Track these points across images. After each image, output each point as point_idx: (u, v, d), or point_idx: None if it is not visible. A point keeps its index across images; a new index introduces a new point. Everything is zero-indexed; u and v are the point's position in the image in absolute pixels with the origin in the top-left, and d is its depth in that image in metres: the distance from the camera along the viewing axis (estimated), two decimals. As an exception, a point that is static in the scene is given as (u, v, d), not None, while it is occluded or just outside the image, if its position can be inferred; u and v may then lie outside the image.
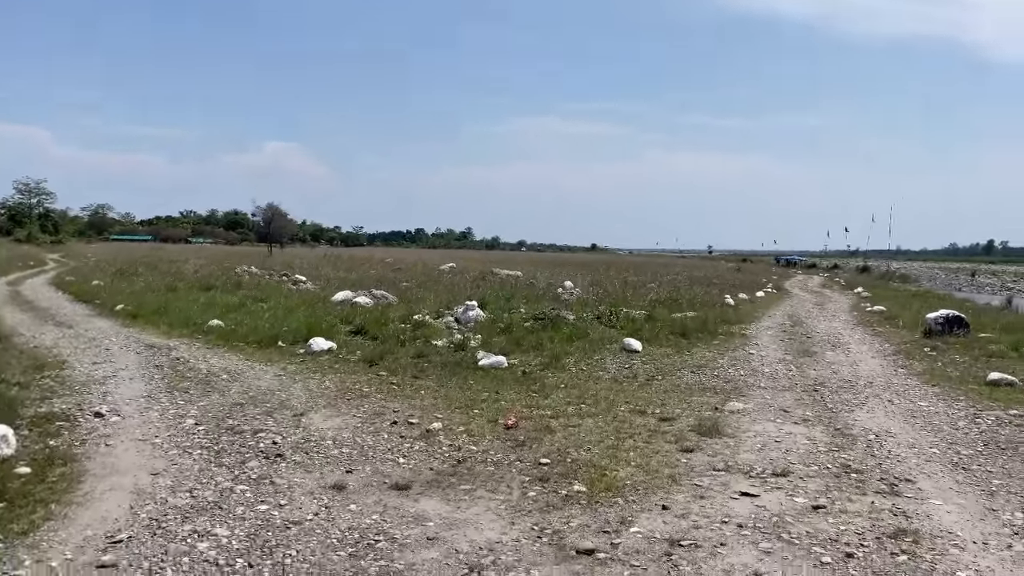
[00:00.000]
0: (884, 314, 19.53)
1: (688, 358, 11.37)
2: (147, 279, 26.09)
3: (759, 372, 10.26)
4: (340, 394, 8.35)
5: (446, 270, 37.52)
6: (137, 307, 16.99)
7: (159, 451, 6.08)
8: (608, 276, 35.76)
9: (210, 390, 8.39)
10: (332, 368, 10.05)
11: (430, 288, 24.11)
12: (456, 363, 10.44)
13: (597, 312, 16.30)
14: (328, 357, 10.93)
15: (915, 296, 29.19)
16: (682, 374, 10.04)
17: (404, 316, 15.13)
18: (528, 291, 22.76)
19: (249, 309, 16.72)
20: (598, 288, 25.88)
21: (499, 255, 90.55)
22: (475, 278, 29.79)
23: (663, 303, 20.51)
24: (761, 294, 28.79)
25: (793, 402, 8.45)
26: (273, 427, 6.85)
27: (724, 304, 21.46)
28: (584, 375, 9.92)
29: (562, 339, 12.78)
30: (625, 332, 14.03)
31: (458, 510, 4.90)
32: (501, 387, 8.99)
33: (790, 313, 20.59)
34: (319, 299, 19.16)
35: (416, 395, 8.42)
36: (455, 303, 16.90)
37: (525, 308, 17.19)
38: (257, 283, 24.99)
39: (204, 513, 4.74)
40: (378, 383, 9.03)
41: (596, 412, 7.73)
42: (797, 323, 17.24)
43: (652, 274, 40.31)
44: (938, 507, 5.02)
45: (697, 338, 13.60)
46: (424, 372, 9.89)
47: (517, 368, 10.32)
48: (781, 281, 42.07)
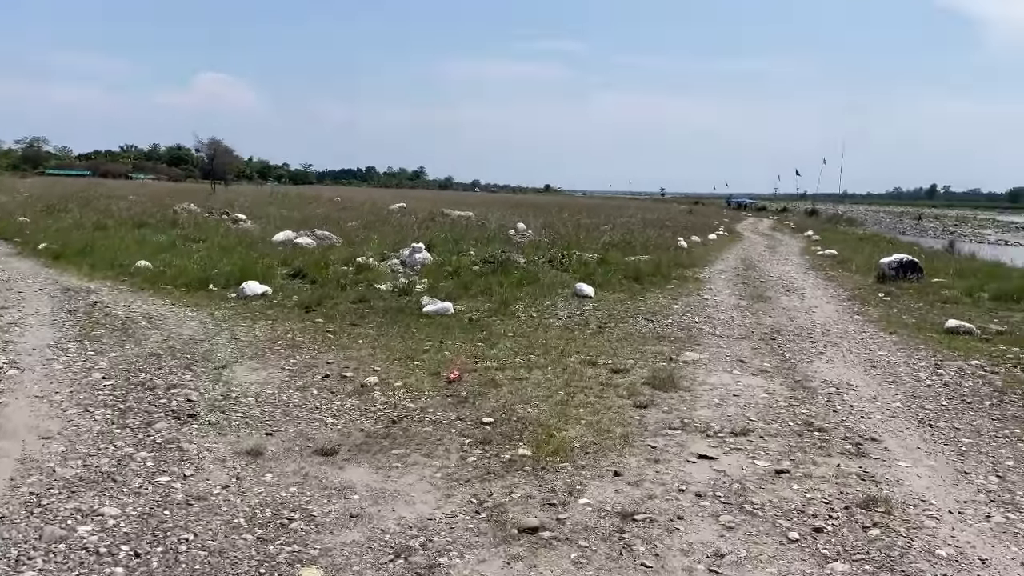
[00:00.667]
0: (836, 258, 19.48)
1: (641, 304, 10.97)
2: (77, 216, 24.65)
3: (714, 319, 9.91)
4: (269, 344, 7.71)
5: (395, 210, 36.52)
6: (61, 246, 15.90)
7: (57, 410, 5.41)
8: (561, 218, 35.24)
9: (126, 339, 7.67)
10: (264, 314, 9.37)
11: (377, 229, 23.30)
12: (399, 309, 9.85)
13: (549, 255, 15.79)
14: (262, 302, 10.23)
15: (863, 239, 29.39)
16: (635, 321, 9.62)
17: (347, 258, 14.41)
18: (479, 233, 22.11)
19: (181, 250, 15.77)
20: (551, 230, 25.35)
21: (452, 195, 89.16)
22: (424, 219, 28.99)
23: (616, 246, 20.11)
24: (713, 237, 28.64)
25: (750, 351, 8.10)
26: (190, 382, 6.21)
27: (677, 247, 21.17)
28: (534, 322, 9.43)
29: (512, 284, 12.25)
30: (577, 276, 13.56)
31: (388, 479, 4.38)
32: (446, 335, 8.46)
33: (743, 256, 20.40)
34: (259, 240, 18.28)
35: (353, 345, 7.83)
36: (402, 245, 16.21)
37: (475, 251, 16.59)
38: (194, 222, 23.78)
39: (94, 487, 4.13)
40: (313, 331, 8.40)
41: (545, 363, 7.26)
42: (750, 267, 17.01)
43: (605, 216, 39.93)
44: (907, 470, 4.68)
45: (651, 283, 13.21)
46: (364, 319, 9.28)
47: (464, 315, 9.78)
48: (733, 224, 42.12)
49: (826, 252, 20.94)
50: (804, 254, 21.87)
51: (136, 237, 17.99)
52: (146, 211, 27.35)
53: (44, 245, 16.11)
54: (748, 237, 31.34)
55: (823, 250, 21.83)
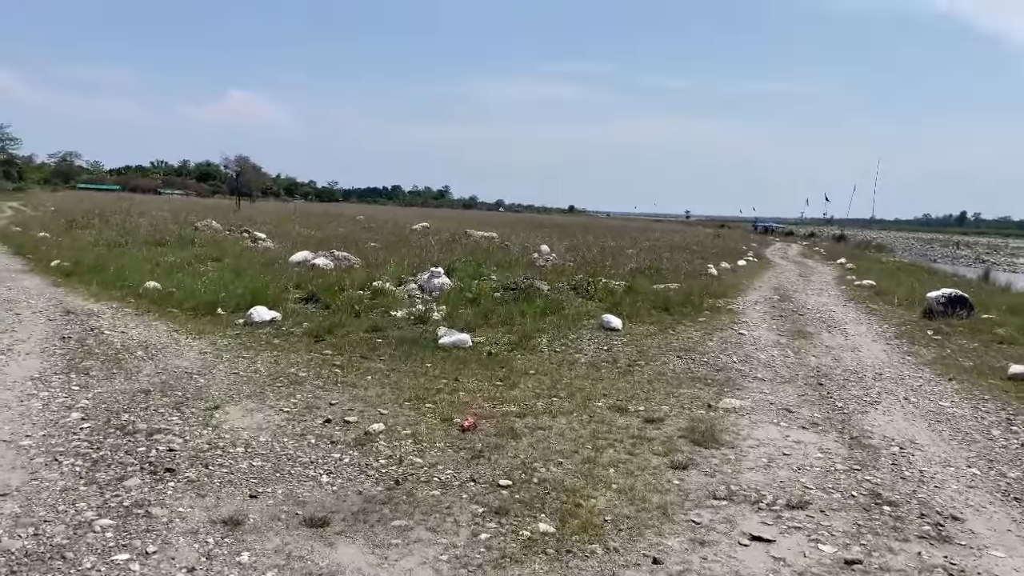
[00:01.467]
0: (874, 289, 18.60)
1: (673, 339, 10.24)
2: (97, 232, 24.45)
3: (753, 358, 9.16)
4: (271, 380, 7.10)
5: (418, 230, 36.09)
6: (74, 264, 15.56)
7: (23, 458, 4.82)
8: (586, 241, 34.59)
9: (116, 372, 7.10)
10: (270, 344, 8.78)
11: (397, 250, 22.80)
12: (414, 340, 9.22)
13: (574, 282, 15.13)
14: (269, 330, 9.65)
15: (900, 269, 28.38)
16: (667, 359, 8.90)
17: (363, 282, 13.84)
18: (501, 255, 21.51)
19: (195, 269, 15.33)
20: (575, 254, 24.70)
21: (475, 215, 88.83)
22: (447, 240, 28.46)
23: (643, 272, 19.40)
24: (743, 263, 27.79)
25: (796, 398, 7.35)
26: (176, 426, 5.60)
27: (707, 274, 20.40)
28: (557, 358, 8.75)
29: (535, 313, 11.59)
30: (604, 306, 12.88)
31: (384, 563, 3.71)
32: (462, 372, 7.81)
33: (776, 285, 19.57)
34: (276, 259, 17.82)
35: (361, 382, 7.20)
36: (421, 268, 15.62)
37: (496, 276, 15.97)
38: (212, 239, 23.46)
39: (38, 567, 3.51)
40: (319, 365, 7.79)
41: (570, 408, 6.57)
42: (785, 297, 16.20)
43: (631, 239, 39.22)
44: (1003, 563, 3.94)
45: (681, 314, 12.48)
46: (376, 351, 8.66)
47: (482, 348, 9.13)
48: (761, 249, 41.19)
49: (863, 282, 20.04)
50: (839, 283, 20.97)
51: (151, 255, 17.62)
52: (167, 228, 27.10)
53: (57, 262, 15.76)
54: (778, 264, 30.41)
55: (859, 280, 20.93)
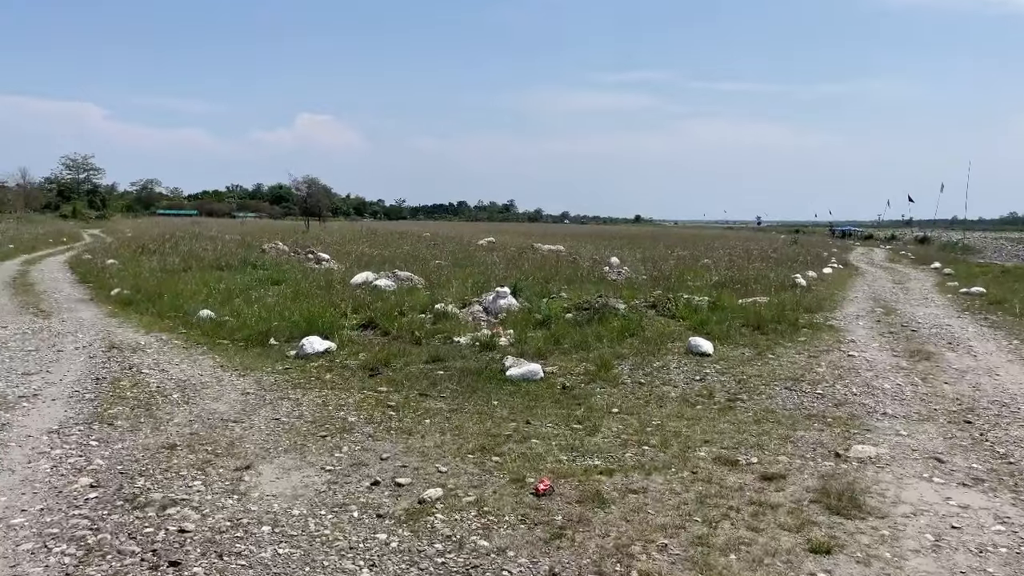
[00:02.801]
0: (986, 298, 16.73)
1: (775, 364, 8.94)
2: (161, 258, 24.42)
3: (875, 388, 7.80)
4: (315, 426, 6.18)
5: (483, 245, 35.32)
6: (135, 291, 15.21)
7: (8, 544, 3.98)
8: (657, 251, 33.18)
9: (144, 420, 6.29)
10: (320, 380, 7.91)
11: (463, 266, 21.97)
12: (479, 372, 8.22)
13: (652, 298, 13.91)
14: (322, 362, 8.80)
15: (1007, 273, 25.98)
16: (773, 391, 7.63)
17: (425, 304, 12.96)
18: (570, 270, 20.40)
19: (254, 294, 14.73)
20: (648, 266, 23.40)
21: (541, 228, 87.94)
22: (513, 255, 27.53)
23: (726, 285, 18.00)
24: (828, 271, 25.97)
25: (943, 442, 6.02)
26: (197, 494, 4.70)
27: (795, 285, 18.83)
28: (643, 392, 7.60)
29: (612, 335, 10.46)
30: (688, 325, 11.64)
31: None
32: (534, 411, 6.75)
33: (873, 295, 17.88)
34: (338, 281, 17.16)
35: (418, 427, 6.21)
36: (487, 288, 14.66)
37: (566, 293, 14.88)
38: (276, 262, 23.10)
39: None
40: (371, 406, 6.85)
41: (667, 461, 5.43)
42: (888, 309, 14.59)
43: (704, 248, 37.58)
44: None
45: (777, 332, 11.14)
46: (436, 386, 7.69)
47: (555, 379, 8.05)
48: (844, 255, 38.94)
49: (971, 290, 18.12)
50: (943, 292, 19.08)
51: (211, 280, 17.21)
52: (233, 251, 26.97)
53: (117, 291, 15.44)
54: (867, 271, 28.36)
55: (965, 287, 18.97)
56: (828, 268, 26.79)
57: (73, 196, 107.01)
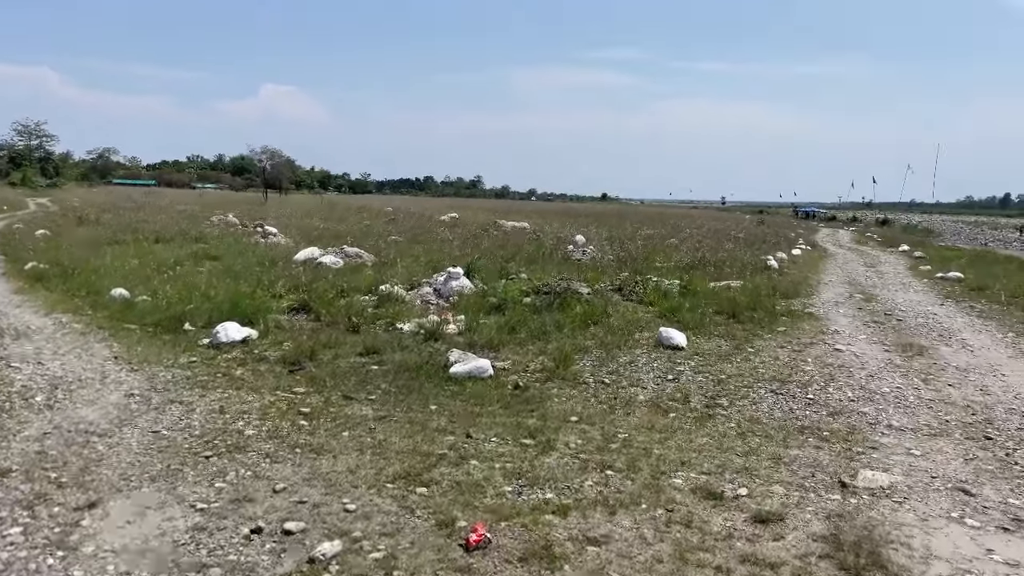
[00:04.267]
0: (966, 283, 15.99)
1: (755, 360, 7.91)
2: (99, 229, 22.78)
3: (873, 391, 6.79)
4: (202, 443, 4.97)
5: (446, 221, 33.99)
6: (52, 265, 13.71)
7: None
8: (624, 230, 32.18)
9: (-13, 433, 5.03)
10: (228, 376, 6.68)
11: (421, 243, 20.71)
12: (419, 367, 7.06)
13: (618, 281, 12.83)
14: (236, 353, 7.57)
15: (979, 257, 25.44)
16: (757, 395, 6.59)
17: (371, 284, 11.74)
18: (532, 248, 19.24)
19: (184, 271, 13.36)
20: (615, 245, 22.35)
21: (507, 204, 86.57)
22: (475, 232, 26.30)
23: (695, 267, 17.02)
24: (797, 252, 25.22)
25: (964, 464, 5.01)
26: (8, 550, 3.49)
27: (767, 267, 17.93)
28: (607, 394, 6.51)
29: (574, 323, 9.36)
30: (657, 311, 10.59)
31: None
32: (478, 419, 5.63)
33: (848, 279, 17.04)
34: (281, 257, 15.83)
35: (332, 443, 5.04)
36: (441, 267, 13.47)
37: (527, 274, 13.74)
38: (220, 235, 21.58)
39: None
40: (281, 412, 5.65)
41: (635, 493, 4.34)
42: (868, 296, 13.70)
43: (671, 227, 36.69)
44: None
45: (754, 322, 10.14)
46: (366, 384, 6.52)
47: (506, 377, 6.93)
48: (810, 236, 38.35)
49: (948, 275, 17.37)
50: (919, 276, 18.33)
51: (142, 254, 15.78)
52: (179, 223, 25.37)
53: (32, 264, 13.94)
54: (836, 252, 27.67)
55: (942, 272, 18.23)
56: (797, 250, 26.04)
57: (24, 164, 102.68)
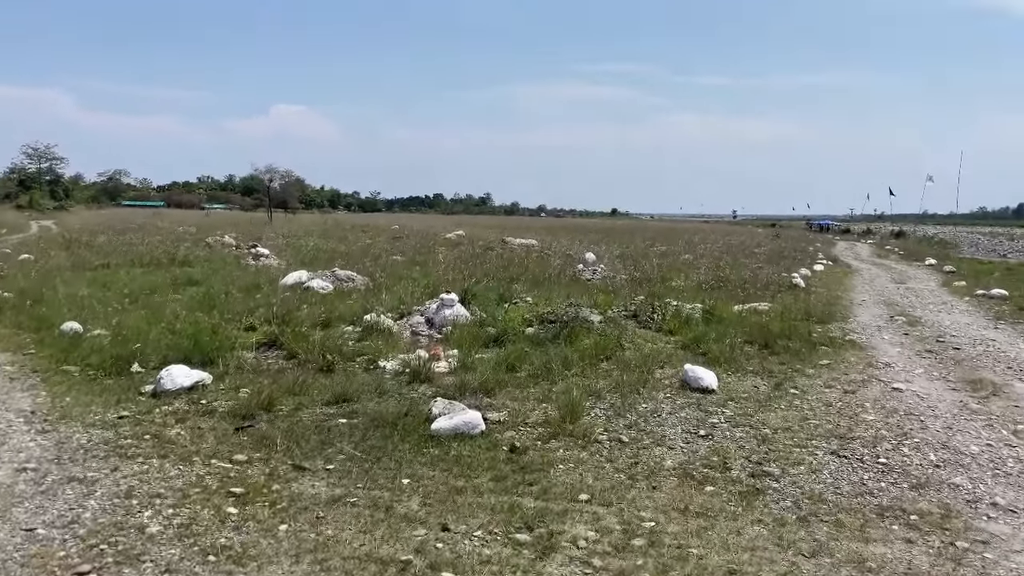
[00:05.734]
0: (1014, 302, 14.60)
1: (803, 406, 6.58)
2: (85, 253, 21.73)
3: (958, 450, 5.45)
4: (83, 546, 3.70)
5: (451, 239, 32.84)
6: (18, 294, 12.58)
7: None
8: (635, 246, 30.91)
9: None
10: (159, 438, 5.43)
11: (420, 264, 19.51)
12: (395, 421, 5.80)
13: (633, 305, 11.54)
14: (179, 404, 6.33)
15: (1011, 271, 23.98)
16: (815, 458, 5.25)
17: (357, 313, 10.53)
18: (539, 268, 17.99)
19: (155, 300, 12.20)
20: (627, 263, 21.07)
21: (516, 221, 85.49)
22: (479, 250, 25.07)
23: (715, 286, 15.72)
24: (820, 267, 23.90)
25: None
26: None
27: (793, 286, 16.61)
28: (626, 457, 5.21)
29: (583, 359, 8.09)
30: (679, 342, 9.30)
31: None
32: (460, 500, 4.35)
33: (882, 298, 15.68)
34: (267, 281, 14.67)
35: (263, 543, 3.77)
36: (440, 290, 12.21)
37: (532, 298, 12.48)
38: (209, 258, 20.47)
39: None
40: (208, 492, 4.40)
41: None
42: (909, 318, 12.34)
43: (685, 243, 35.38)
44: None
45: (790, 352, 8.83)
46: (327, 447, 5.27)
47: (500, 434, 5.66)
48: (828, 249, 36.96)
49: (991, 293, 15.96)
50: (956, 294, 16.94)
51: (119, 281, 14.67)
52: (171, 246, 24.31)
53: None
54: (860, 268, 26.24)
55: (982, 289, 16.82)
56: (819, 265, 24.71)
57: (34, 186, 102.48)
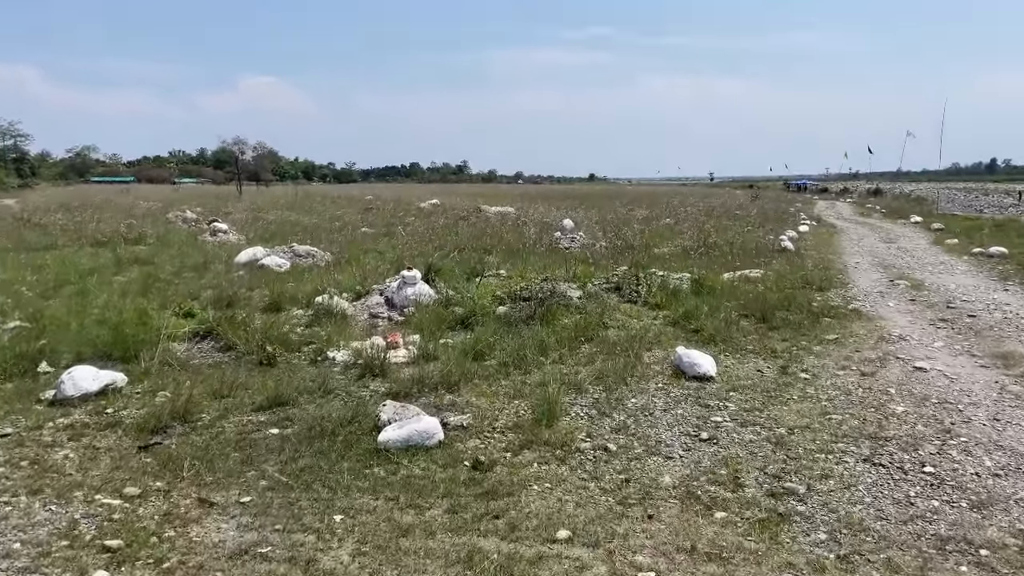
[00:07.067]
0: (1016, 260, 13.82)
1: (818, 394, 5.63)
2: (34, 232, 20.36)
3: (1013, 450, 4.56)
4: None
5: (426, 208, 31.63)
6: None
7: None
8: (615, 211, 29.87)
9: None
10: (41, 462, 4.40)
11: (391, 236, 18.41)
12: (335, 430, 4.80)
13: (615, 276, 10.55)
14: (79, 415, 5.28)
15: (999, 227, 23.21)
16: (845, 468, 4.30)
17: (311, 293, 9.47)
18: (514, 237, 16.93)
19: (93, 283, 11.04)
20: (607, 230, 20.06)
21: (493, 188, 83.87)
22: (452, 219, 23.96)
23: (702, 252, 14.78)
24: (805, 228, 23.10)
25: None
26: None
27: (783, 249, 15.71)
28: (614, 474, 4.25)
29: (561, 342, 7.11)
30: (667, 317, 8.35)
31: None
32: (404, 545, 3.38)
33: (876, 260, 14.84)
34: (221, 259, 13.55)
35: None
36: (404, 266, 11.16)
37: (506, 270, 11.47)
38: (163, 235, 19.17)
39: None
40: (78, 545, 3.38)
41: None
42: (911, 281, 11.46)
43: (665, 206, 34.39)
44: None
45: (790, 326, 7.92)
46: (247, 469, 4.27)
47: (464, 442, 4.68)
48: (810, 209, 36.18)
49: (989, 251, 15.17)
50: (952, 252, 16.13)
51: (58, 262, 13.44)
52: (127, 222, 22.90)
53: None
54: (845, 228, 25.44)
55: (979, 248, 16.02)
56: (803, 226, 23.89)
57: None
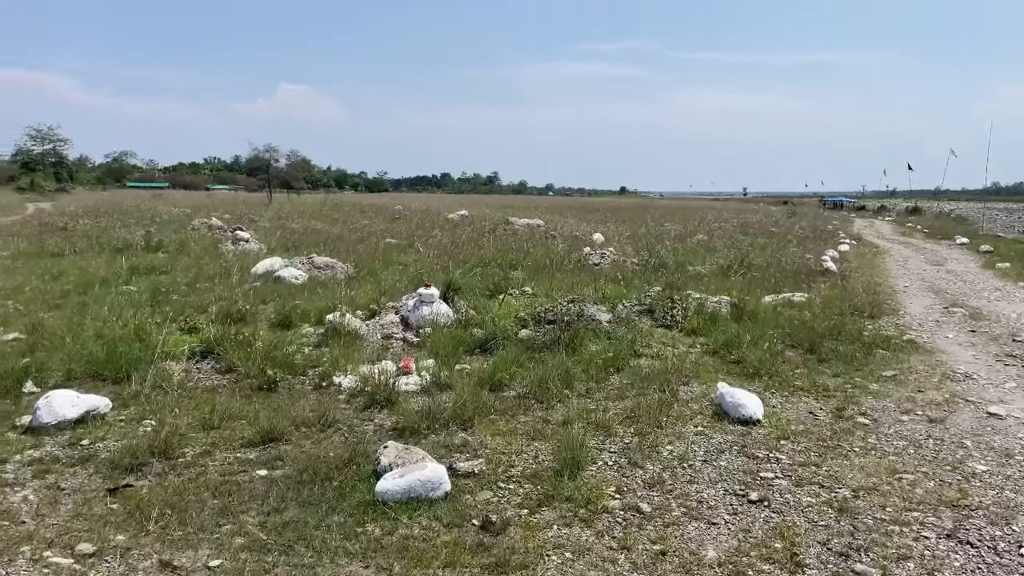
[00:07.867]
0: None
1: (881, 446, 4.92)
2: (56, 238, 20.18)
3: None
4: None
5: (454, 219, 31.14)
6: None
7: None
8: (646, 226, 29.12)
9: None
10: None
11: (417, 248, 17.89)
12: (329, 474, 4.22)
13: (648, 297, 9.87)
14: (52, 447, 4.76)
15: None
16: (927, 546, 3.61)
17: (324, 310, 8.94)
18: (542, 251, 16.31)
19: (101, 292, 10.65)
20: (637, 244, 19.37)
21: (523, 200, 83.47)
22: (480, 232, 23.39)
23: (738, 271, 14.02)
24: (845, 248, 22.14)
25: None
26: None
27: (825, 271, 14.90)
28: (648, 543, 3.60)
29: (589, 371, 6.48)
30: (705, 346, 7.66)
31: None
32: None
33: (926, 284, 13.96)
34: (239, 269, 13.10)
35: None
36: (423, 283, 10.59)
37: (531, 287, 10.86)
38: (187, 241, 18.87)
39: None
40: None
41: None
42: (968, 310, 10.62)
43: (698, 222, 33.58)
44: None
45: (841, 358, 7.20)
46: (222, 523, 3.70)
47: (474, 495, 4.07)
48: (848, 227, 35.03)
49: (1048, 275, 14.25)
50: (1006, 278, 15.19)
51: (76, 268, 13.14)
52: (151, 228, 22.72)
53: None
54: (888, 248, 24.40)
55: (1034, 271, 15.08)
56: (843, 245, 22.95)
57: (37, 168, 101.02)
